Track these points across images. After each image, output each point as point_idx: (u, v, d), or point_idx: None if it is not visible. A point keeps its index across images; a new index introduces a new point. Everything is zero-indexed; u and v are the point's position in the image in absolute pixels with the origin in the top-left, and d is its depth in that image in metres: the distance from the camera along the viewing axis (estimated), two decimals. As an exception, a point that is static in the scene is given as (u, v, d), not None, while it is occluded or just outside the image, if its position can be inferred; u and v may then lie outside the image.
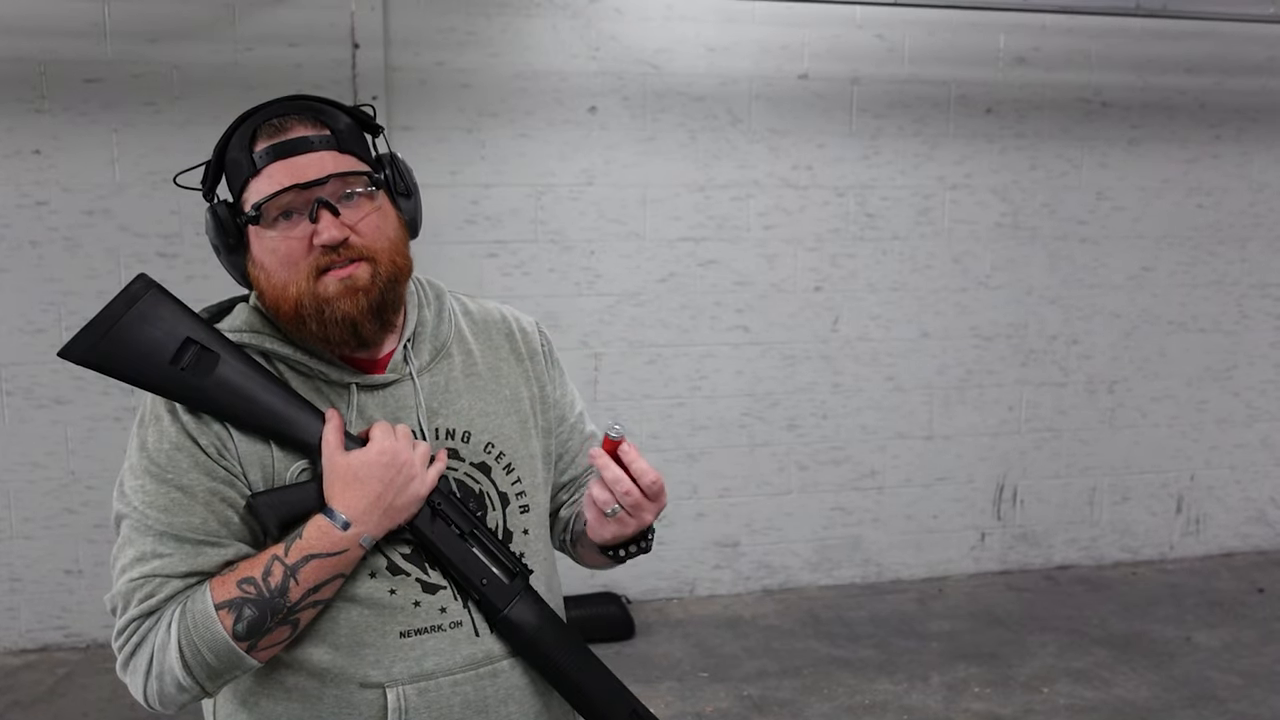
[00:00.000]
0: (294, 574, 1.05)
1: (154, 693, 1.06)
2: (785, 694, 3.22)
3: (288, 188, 1.07)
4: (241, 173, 1.10)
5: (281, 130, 1.10)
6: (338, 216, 1.08)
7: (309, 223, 1.08)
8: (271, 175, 1.08)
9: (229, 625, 1.03)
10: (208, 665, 1.04)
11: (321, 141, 1.10)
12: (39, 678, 3.34)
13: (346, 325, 1.10)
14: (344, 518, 1.06)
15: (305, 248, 1.09)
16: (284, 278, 1.09)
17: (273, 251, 1.09)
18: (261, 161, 1.09)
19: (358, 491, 1.07)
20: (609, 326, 3.82)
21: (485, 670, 1.15)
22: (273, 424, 1.09)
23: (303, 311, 1.09)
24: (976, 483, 4.24)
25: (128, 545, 1.08)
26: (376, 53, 3.48)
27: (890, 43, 3.88)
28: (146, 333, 1.07)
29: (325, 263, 1.09)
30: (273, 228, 1.09)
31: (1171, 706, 3.13)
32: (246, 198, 1.10)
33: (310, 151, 1.09)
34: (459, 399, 1.21)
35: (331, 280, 1.09)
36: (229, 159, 1.12)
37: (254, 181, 1.09)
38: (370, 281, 1.10)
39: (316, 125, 1.11)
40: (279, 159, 1.08)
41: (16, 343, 3.42)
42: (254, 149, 1.09)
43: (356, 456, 1.09)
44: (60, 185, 3.38)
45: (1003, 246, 4.11)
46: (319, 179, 1.08)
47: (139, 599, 1.05)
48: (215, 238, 1.13)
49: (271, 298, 1.11)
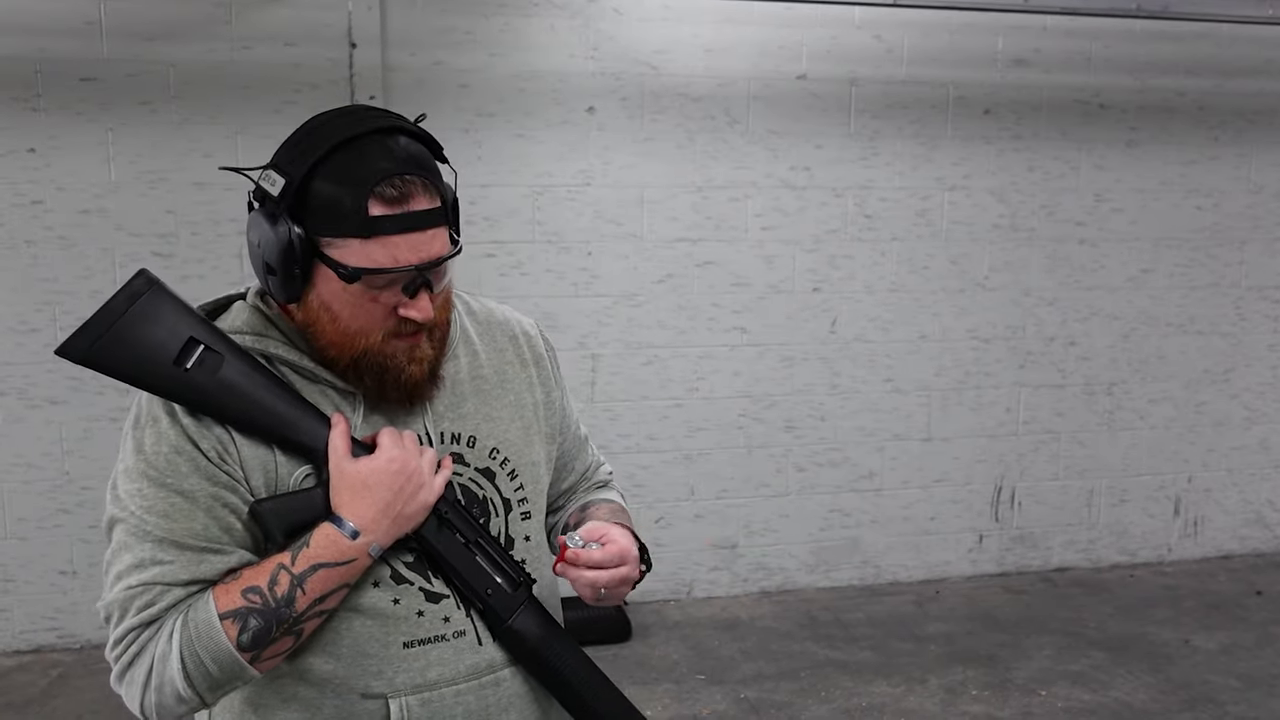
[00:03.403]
0: (301, 583, 1.03)
1: (152, 704, 1.04)
2: (782, 696, 3.21)
3: (406, 269, 1.03)
4: (344, 225, 1.01)
5: (403, 199, 1.02)
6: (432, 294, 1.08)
7: (400, 293, 1.06)
8: (389, 248, 1.02)
9: (234, 636, 1.01)
10: (210, 676, 1.02)
11: (437, 217, 1.05)
12: (32, 679, 3.33)
13: (407, 389, 1.10)
14: (353, 526, 1.05)
15: (387, 313, 1.07)
16: (355, 329, 1.07)
17: (352, 305, 1.06)
18: (378, 229, 1.01)
19: (367, 500, 1.06)
20: (606, 327, 3.81)
21: (488, 679, 1.14)
22: (277, 428, 1.07)
23: (362, 364, 1.08)
24: (974, 484, 4.23)
25: (124, 551, 1.04)
26: (374, 52, 3.47)
27: (888, 44, 3.88)
28: (149, 331, 1.04)
29: (401, 330, 1.08)
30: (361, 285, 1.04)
31: (1169, 709, 3.13)
32: (341, 250, 1.02)
33: (430, 227, 1.05)
34: (465, 402, 1.20)
35: (401, 346, 1.09)
36: (322, 192, 1.02)
37: (361, 243, 1.01)
38: (431, 349, 1.12)
39: (433, 194, 1.05)
40: (401, 233, 1.02)
41: (10, 342, 3.40)
42: (369, 209, 1.01)
43: (365, 464, 1.07)
44: (55, 184, 3.36)
45: (1001, 248, 4.11)
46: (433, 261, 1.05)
47: (138, 608, 1.03)
48: (277, 261, 1.04)
49: (331, 338, 1.08)
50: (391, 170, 1.02)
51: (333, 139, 1.02)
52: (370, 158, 1.02)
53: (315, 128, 1.05)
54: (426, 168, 1.06)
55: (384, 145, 1.03)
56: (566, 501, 1.39)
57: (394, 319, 1.07)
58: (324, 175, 1.02)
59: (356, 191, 1.01)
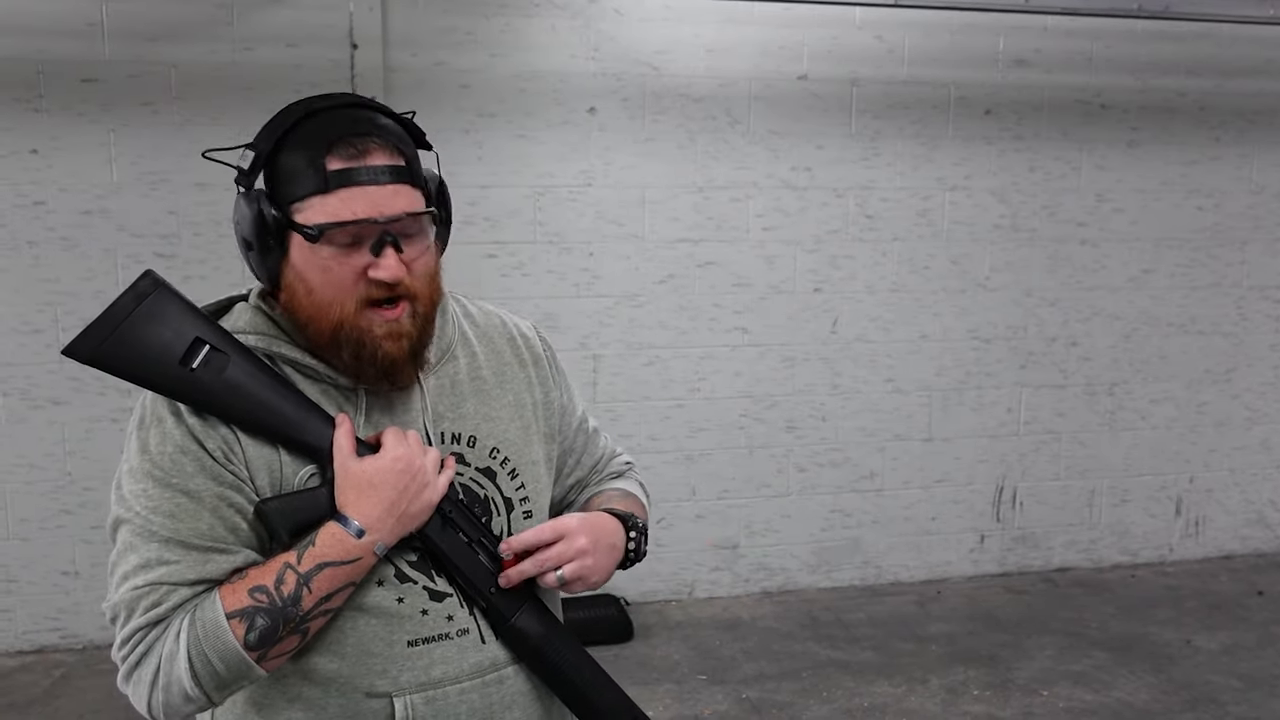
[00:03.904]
0: (307, 582, 1.03)
1: (159, 704, 1.04)
2: (784, 696, 3.22)
3: (363, 220, 1.04)
4: (305, 184, 1.04)
5: (362, 154, 1.04)
6: (401, 253, 1.07)
7: (370, 254, 1.06)
8: (346, 201, 1.03)
9: (241, 635, 1.01)
10: (217, 675, 1.02)
11: (399, 173, 1.06)
12: (35, 679, 3.33)
13: (386, 366, 1.09)
14: (358, 525, 1.05)
15: (357, 276, 1.06)
16: (329, 298, 1.07)
17: (323, 270, 1.06)
18: (336, 182, 1.03)
19: (372, 498, 1.06)
20: (607, 328, 3.82)
21: (491, 677, 1.15)
22: (282, 427, 1.07)
23: (340, 337, 1.08)
24: (976, 485, 4.23)
25: (130, 551, 1.04)
26: (375, 53, 3.47)
27: (889, 44, 3.88)
28: (155, 332, 1.04)
29: (375, 295, 1.07)
30: (329, 245, 1.05)
31: (1171, 709, 3.13)
32: (305, 211, 1.05)
33: (389, 183, 1.05)
34: (465, 403, 1.20)
35: (378, 318, 1.08)
36: (287, 160, 1.06)
37: (321, 199, 1.04)
38: (411, 325, 1.10)
39: (395, 154, 1.07)
40: (357, 185, 1.04)
41: (13, 343, 3.40)
42: (327, 165, 1.03)
43: (370, 463, 1.07)
44: (57, 185, 3.37)
45: (1002, 248, 4.11)
46: (395, 216, 1.05)
47: (144, 607, 1.03)
48: (251, 233, 1.07)
49: (308, 313, 1.08)
50: (352, 130, 1.05)
51: (301, 111, 1.07)
52: (334, 122, 1.06)
53: (290, 106, 1.09)
54: (392, 134, 1.08)
55: (349, 114, 1.08)
56: (579, 495, 1.39)
57: (364, 283, 1.06)
58: (290, 143, 1.06)
59: (316, 150, 1.04)
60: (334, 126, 1.05)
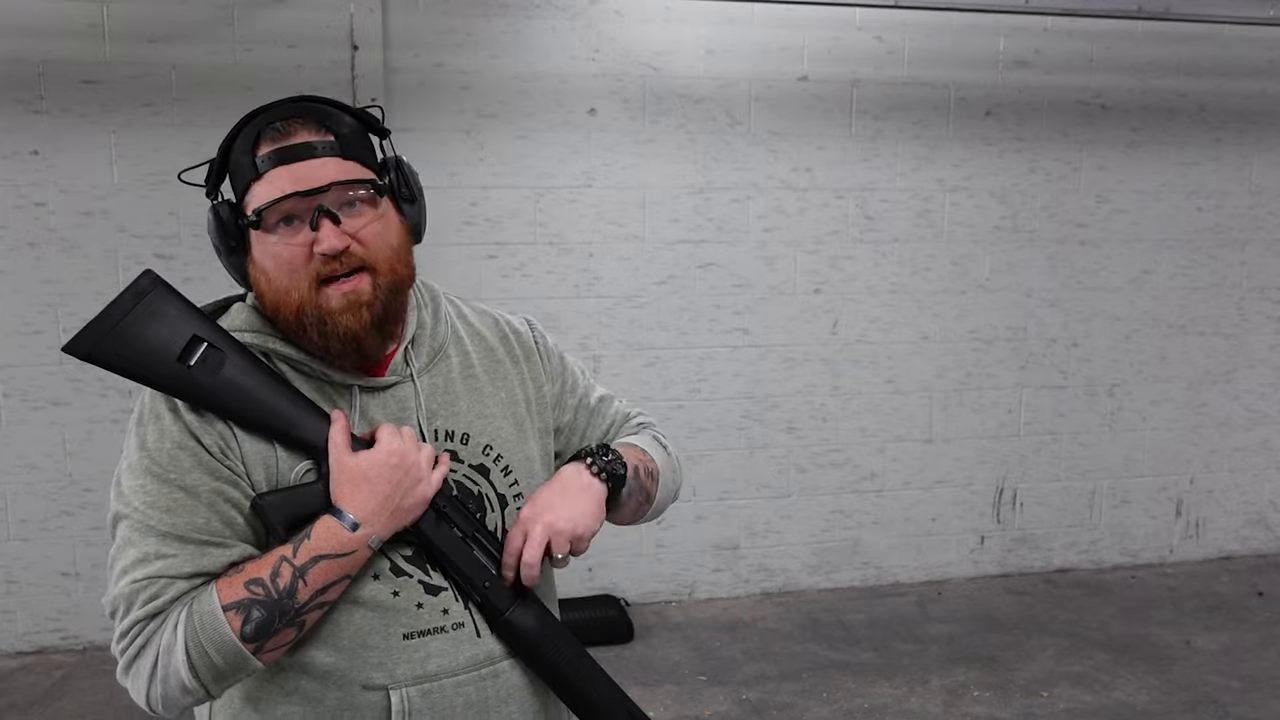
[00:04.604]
0: (302, 575, 1.04)
1: (157, 696, 1.05)
2: (784, 697, 3.21)
3: (288, 194, 1.07)
4: (244, 176, 1.10)
5: (285, 135, 1.09)
6: (339, 225, 1.08)
7: (310, 230, 1.08)
8: (273, 181, 1.08)
9: (237, 627, 1.02)
10: (214, 667, 1.03)
11: (325, 147, 1.09)
12: (36, 680, 3.33)
13: (349, 340, 1.10)
14: (353, 518, 1.06)
15: (306, 255, 1.08)
16: (285, 283, 1.09)
17: (274, 257, 1.09)
18: (264, 166, 1.08)
19: (366, 492, 1.07)
20: (608, 329, 3.82)
21: (487, 671, 1.15)
22: (278, 423, 1.09)
23: (304, 319, 1.09)
24: (976, 486, 4.23)
25: (128, 546, 1.06)
26: (375, 54, 3.47)
27: (890, 45, 3.88)
28: (153, 329, 1.06)
29: (326, 272, 1.08)
30: (274, 233, 1.08)
31: (1171, 710, 3.12)
32: (248, 201, 1.10)
33: (313, 157, 1.08)
34: (458, 401, 1.21)
35: (334, 293, 1.09)
36: (233, 161, 1.11)
37: (256, 186, 1.09)
38: (372, 294, 1.10)
39: (320, 130, 1.10)
40: (281, 164, 1.08)
41: (13, 344, 3.41)
42: (256, 152, 1.08)
43: (365, 457, 1.08)
44: (58, 186, 3.37)
45: (1002, 249, 4.11)
46: (320, 187, 1.07)
47: (143, 601, 1.04)
48: (216, 238, 1.13)
49: (272, 302, 1.11)
50: (278, 116, 1.10)
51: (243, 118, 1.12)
52: (267, 116, 1.11)
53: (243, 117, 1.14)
54: (320, 114, 1.12)
55: (282, 107, 1.12)
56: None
57: (314, 260, 1.08)
58: (233, 146, 1.12)
59: (249, 142, 1.10)
60: (265, 119, 1.10)
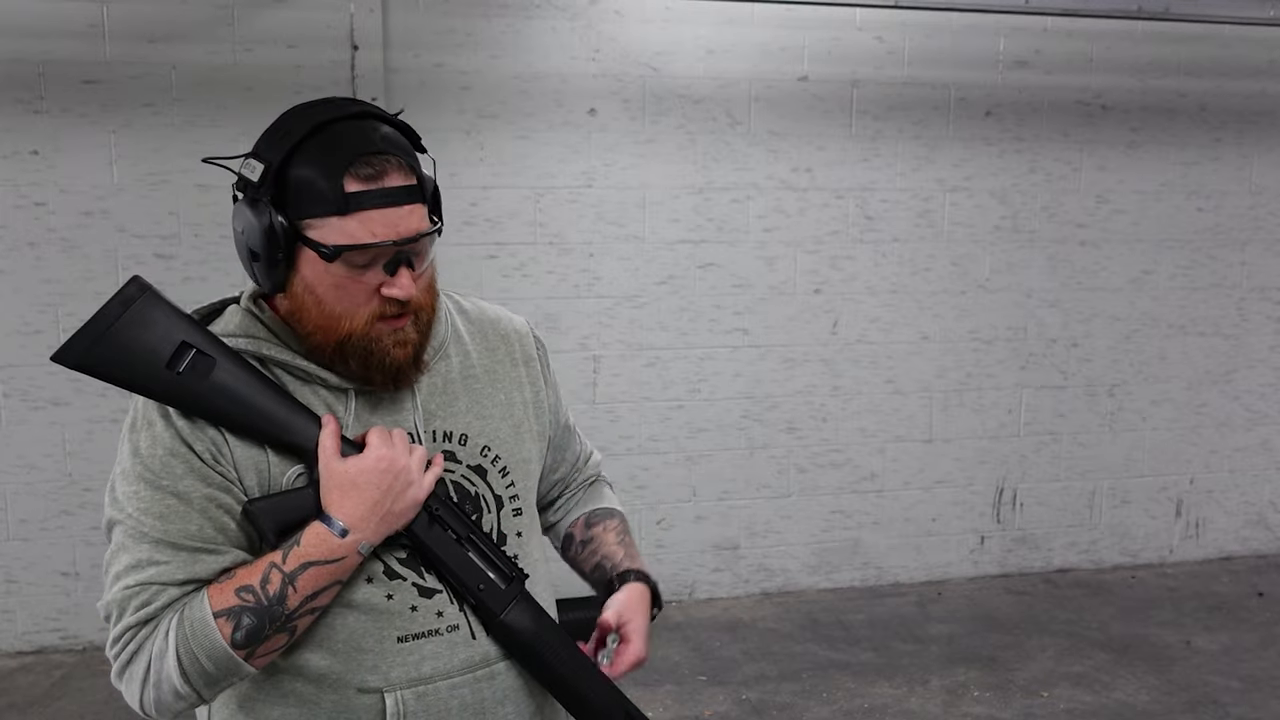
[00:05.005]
0: (292, 581, 1.04)
1: (150, 700, 1.05)
2: (784, 697, 3.21)
3: (382, 244, 1.04)
4: (322, 204, 1.03)
5: (379, 175, 1.04)
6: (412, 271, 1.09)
7: (383, 272, 1.07)
8: (366, 223, 1.04)
9: (227, 634, 1.02)
10: (206, 673, 1.03)
11: (412, 193, 1.07)
12: (35, 680, 3.33)
13: (392, 371, 1.11)
14: (341, 525, 1.06)
15: (370, 293, 1.08)
16: (338, 311, 1.08)
17: (336, 287, 1.07)
18: (354, 205, 1.03)
19: (355, 498, 1.07)
20: (608, 329, 3.82)
21: (482, 673, 1.15)
22: (269, 429, 1.08)
23: (347, 348, 1.09)
24: (976, 486, 4.23)
25: (122, 552, 1.06)
26: (375, 54, 3.47)
27: (890, 45, 3.88)
28: (142, 336, 1.06)
29: (387, 312, 1.09)
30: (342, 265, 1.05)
31: (1171, 711, 3.12)
32: (321, 230, 1.04)
33: (405, 204, 1.06)
34: (456, 401, 1.21)
35: (386, 329, 1.10)
36: (299, 176, 1.04)
37: (340, 220, 1.03)
38: (416, 333, 1.12)
39: (408, 172, 1.07)
40: (375, 208, 1.04)
41: (13, 344, 3.41)
42: (345, 186, 1.03)
43: (354, 463, 1.08)
44: (58, 186, 3.37)
45: (1002, 249, 4.11)
46: (411, 237, 1.06)
47: (135, 606, 1.04)
48: (261, 246, 1.06)
49: (316, 323, 1.09)
50: (366, 149, 1.04)
51: (309, 124, 1.05)
52: (346, 138, 1.05)
53: (292, 115, 1.08)
54: (401, 148, 1.08)
55: (359, 128, 1.06)
56: (561, 492, 1.42)
57: (377, 300, 1.08)
58: (301, 158, 1.04)
59: (333, 170, 1.03)
60: (348, 144, 1.04)
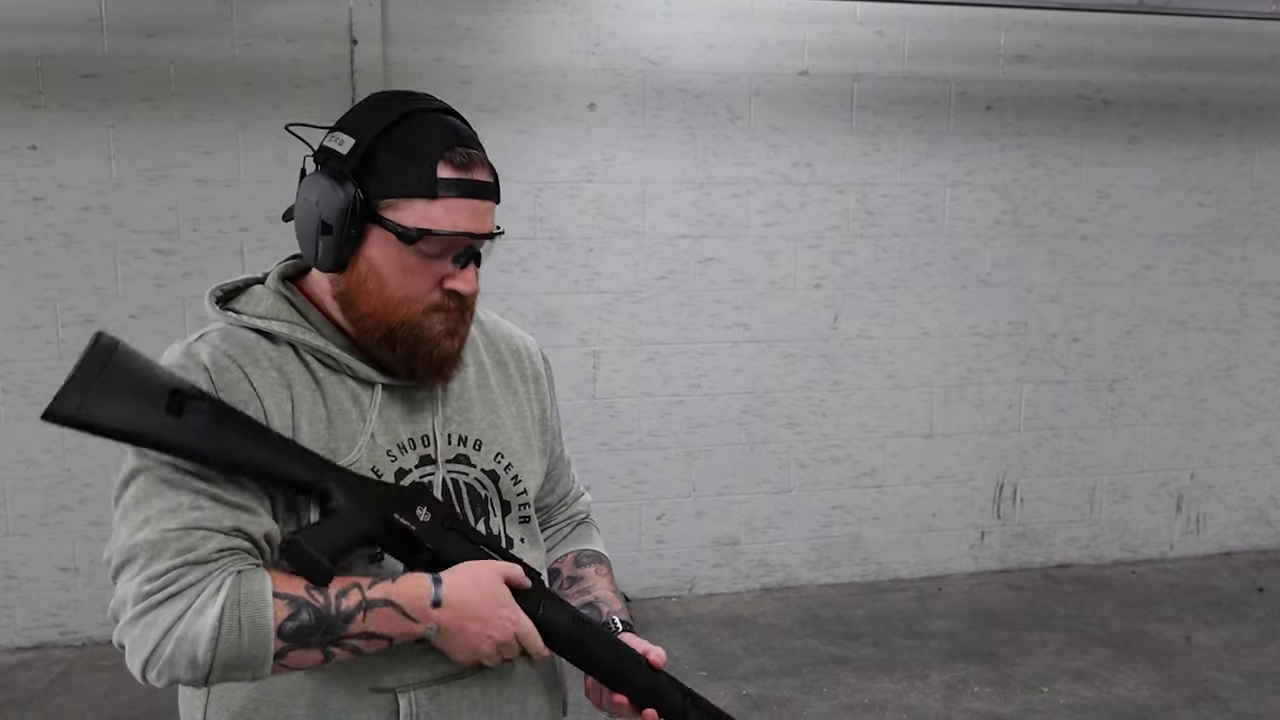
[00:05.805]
0: (368, 608, 1.01)
1: (162, 656, 0.95)
2: (784, 693, 3.21)
3: (465, 234, 1.07)
4: (409, 185, 1.05)
5: (469, 166, 1.07)
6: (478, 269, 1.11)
7: (452, 265, 1.09)
8: (451, 211, 1.06)
9: (281, 617, 0.97)
10: (236, 647, 0.96)
11: (494, 192, 1.11)
12: (35, 676, 3.33)
13: (439, 362, 1.12)
14: (443, 595, 1.04)
15: (434, 282, 1.09)
16: (399, 296, 1.08)
17: (404, 270, 1.07)
18: (444, 191, 1.05)
19: (471, 593, 1.06)
20: (608, 324, 3.81)
21: (492, 672, 1.15)
22: (270, 465, 1.02)
23: (398, 334, 1.09)
24: (976, 481, 4.23)
25: (152, 498, 0.99)
26: (375, 48, 3.46)
27: (891, 39, 3.87)
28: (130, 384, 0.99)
29: (446, 305, 1.10)
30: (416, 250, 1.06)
31: (1171, 706, 3.13)
32: (402, 211, 1.05)
33: (488, 199, 1.10)
34: (472, 408, 1.21)
35: (439, 320, 1.10)
36: (387, 156, 1.06)
37: (425, 204, 1.05)
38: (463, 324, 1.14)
39: (490, 171, 1.11)
40: (464, 198, 1.07)
41: (12, 340, 3.40)
42: (438, 171, 1.05)
43: (493, 585, 1.08)
44: (57, 181, 3.36)
45: (1003, 244, 4.10)
46: (488, 233, 1.10)
47: (177, 550, 0.97)
48: (335, 219, 1.06)
49: (374, 305, 1.08)
50: (459, 140, 1.08)
51: (402, 109, 1.08)
52: (440, 128, 1.08)
53: (384, 99, 1.12)
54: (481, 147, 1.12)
55: (449, 121, 1.10)
56: (546, 521, 1.41)
57: (439, 291, 1.09)
58: (393, 139, 1.06)
59: (428, 154, 1.06)
60: (443, 133, 1.07)
